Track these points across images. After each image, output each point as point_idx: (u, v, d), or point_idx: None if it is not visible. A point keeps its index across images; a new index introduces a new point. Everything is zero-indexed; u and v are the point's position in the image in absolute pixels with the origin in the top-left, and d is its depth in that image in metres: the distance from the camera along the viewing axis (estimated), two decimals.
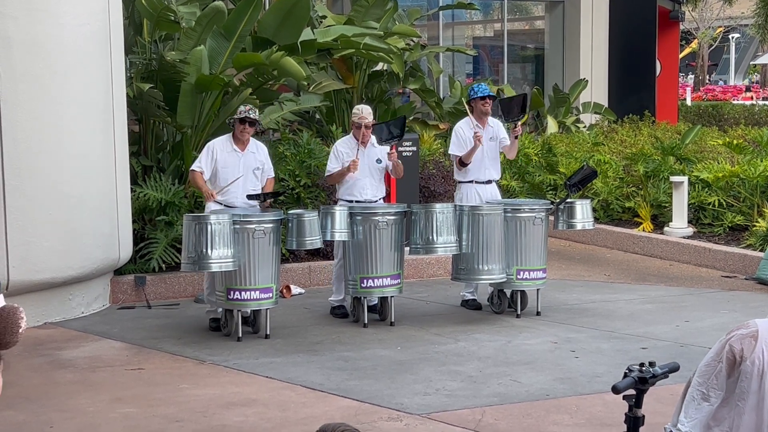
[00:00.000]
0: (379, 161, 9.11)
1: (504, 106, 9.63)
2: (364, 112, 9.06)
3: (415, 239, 8.77)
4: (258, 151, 8.79)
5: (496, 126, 9.55)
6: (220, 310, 8.55)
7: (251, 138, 8.78)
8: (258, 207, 8.63)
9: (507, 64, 20.57)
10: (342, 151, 9.02)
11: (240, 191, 8.61)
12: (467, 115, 9.61)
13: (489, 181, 9.51)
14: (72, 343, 8.28)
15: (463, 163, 9.34)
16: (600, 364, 7.50)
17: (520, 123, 9.52)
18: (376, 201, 9.11)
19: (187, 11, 11.14)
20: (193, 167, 8.77)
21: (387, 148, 9.06)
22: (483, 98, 9.37)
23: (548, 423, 6.26)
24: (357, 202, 8.97)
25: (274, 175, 9.08)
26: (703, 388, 3.43)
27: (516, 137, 9.46)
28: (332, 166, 9.05)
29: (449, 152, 9.69)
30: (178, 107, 10.38)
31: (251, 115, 8.60)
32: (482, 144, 9.28)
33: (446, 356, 7.79)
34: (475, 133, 9.25)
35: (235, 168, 8.60)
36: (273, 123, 12.11)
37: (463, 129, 9.44)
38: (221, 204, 8.63)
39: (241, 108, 8.77)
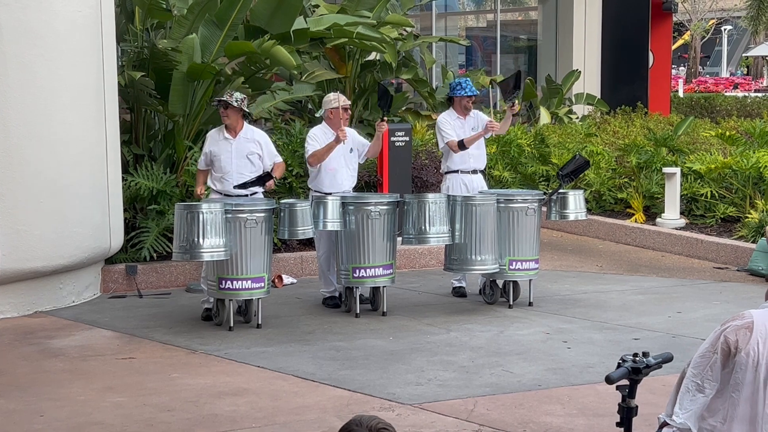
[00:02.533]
0: (351, 150, 9.08)
1: (502, 88, 9.81)
2: (342, 96, 9.08)
3: (408, 229, 8.76)
4: (252, 137, 8.71)
5: (476, 115, 9.60)
6: (212, 299, 8.53)
7: (248, 125, 8.72)
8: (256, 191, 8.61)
9: (500, 55, 20.54)
10: (318, 135, 8.94)
11: (236, 179, 8.56)
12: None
13: (474, 171, 9.52)
14: (63, 332, 8.26)
15: (463, 145, 9.37)
16: (592, 355, 7.50)
17: (516, 101, 9.60)
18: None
19: None
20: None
21: (359, 138, 9.22)
22: (469, 96, 9.49)
23: (540, 413, 6.26)
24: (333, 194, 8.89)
25: (281, 159, 9.05)
26: (698, 379, 3.43)
27: (513, 114, 9.60)
28: (313, 145, 8.90)
29: (445, 141, 9.49)
30: (170, 96, 10.34)
31: (219, 97, 8.58)
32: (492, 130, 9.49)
33: (438, 346, 7.78)
34: (489, 122, 9.40)
35: (227, 154, 8.57)
36: (265, 112, 12.07)
37: (447, 119, 9.54)
38: (220, 193, 8.59)
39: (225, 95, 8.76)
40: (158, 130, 11.25)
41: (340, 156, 8.97)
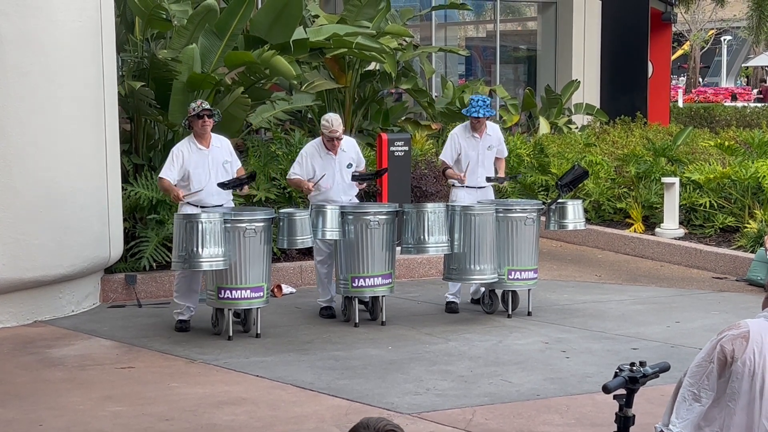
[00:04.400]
0: (349, 166, 9.06)
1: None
2: (334, 125, 8.87)
3: (407, 239, 8.77)
4: (222, 145, 8.70)
5: (494, 134, 9.53)
6: (191, 312, 8.53)
7: (212, 133, 8.66)
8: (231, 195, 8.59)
9: (499, 65, 20.54)
10: (309, 162, 8.92)
11: (213, 189, 8.49)
12: (458, 115, 9.62)
13: (482, 186, 9.49)
14: (62, 342, 8.26)
15: (443, 174, 9.41)
16: (590, 365, 7.50)
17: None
18: None
19: (179, 9, 11.11)
20: (161, 175, 8.53)
21: (358, 150, 9.21)
22: (477, 119, 9.31)
23: (538, 423, 6.26)
24: None
25: (241, 164, 9.00)
26: (694, 388, 3.44)
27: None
28: (295, 171, 9.00)
29: (440, 158, 9.66)
30: (170, 106, 10.37)
31: (205, 106, 8.54)
32: (477, 153, 9.37)
33: (437, 356, 7.79)
34: (461, 177, 9.27)
35: (204, 166, 8.52)
36: (265, 122, 12.09)
37: (458, 136, 9.44)
38: (195, 206, 8.47)
39: (193, 105, 8.59)
40: (158, 139, 11.27)
41: (336, 173, 8.96)
